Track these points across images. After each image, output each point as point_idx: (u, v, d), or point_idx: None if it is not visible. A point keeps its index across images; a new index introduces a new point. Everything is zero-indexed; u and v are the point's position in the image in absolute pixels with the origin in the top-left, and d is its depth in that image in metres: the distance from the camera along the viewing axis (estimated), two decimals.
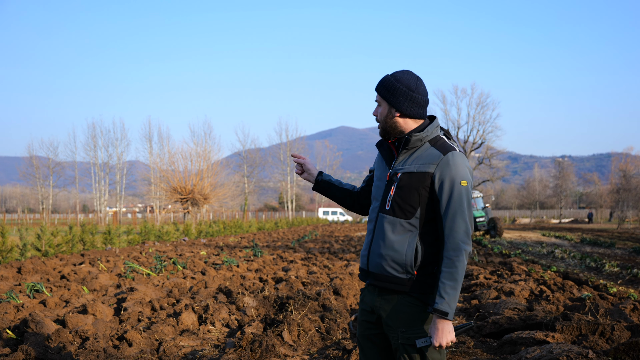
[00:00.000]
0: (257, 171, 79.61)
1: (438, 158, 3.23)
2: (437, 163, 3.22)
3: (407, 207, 3.26)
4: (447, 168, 3.20)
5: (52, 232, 19.85)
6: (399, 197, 3.28)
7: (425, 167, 3.24)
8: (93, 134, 72.67)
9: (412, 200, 3.25)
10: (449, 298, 3.13)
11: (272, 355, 6.53)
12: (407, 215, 3.26)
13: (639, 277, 14.29)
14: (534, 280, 12.46)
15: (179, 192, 43.48)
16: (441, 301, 3.12)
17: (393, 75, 3.37)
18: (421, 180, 3.23)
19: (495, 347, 7.36)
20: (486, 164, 76.88)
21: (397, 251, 3.25)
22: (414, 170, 3.26)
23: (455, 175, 3.19)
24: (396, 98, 3.33)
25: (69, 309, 8.90)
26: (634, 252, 23.42)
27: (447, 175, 3.19)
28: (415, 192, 3.24)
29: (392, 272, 3.27)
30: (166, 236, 29.08)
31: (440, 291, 3.13)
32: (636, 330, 7.13)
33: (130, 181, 76.97)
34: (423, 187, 3.23)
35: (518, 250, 22.83)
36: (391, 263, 3.27)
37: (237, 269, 14.47)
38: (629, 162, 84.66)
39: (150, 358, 6.47)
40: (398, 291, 3.28)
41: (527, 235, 40.53)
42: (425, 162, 3.25)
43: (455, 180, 3.19)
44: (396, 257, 3.25)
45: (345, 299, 10.13)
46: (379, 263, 3.32)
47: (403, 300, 3.28)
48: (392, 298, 3.31)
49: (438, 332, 3.13)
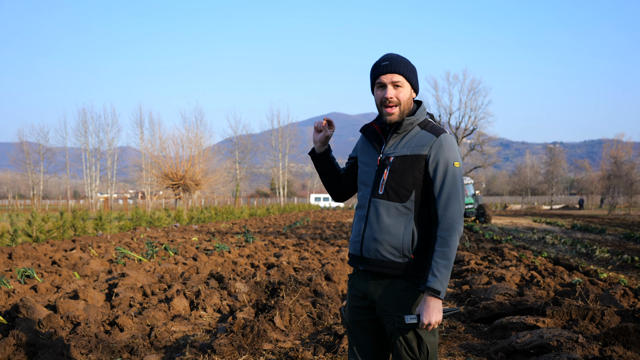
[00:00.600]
0: (248, 157, 79.47)
1: (431, 140, 3.22)
2: (431, 145, 3.21)
3: (401, 190, 3.24)
4: (441, 149, 3.19)
5: (43, 218, 19.80)
6: (393, 180, 3.26)
7: (419, 149, 3.23)
8: (84, 120, 72.49)
9: (407, 183, 3.23)
10: (441, 277, 3.12)
11: (264, 340, 6.54)
12: (402, 199, 3.24)
13: (629, 262, 14.36)
14: (524, 265, 12.50)
15: (171, 178, 43.44)
16: (434, 279, 3.11)
17: (400, 56, 3.33)
18: (415, 162, 3.22)
19: (486, 332, 7.39)
20: (478, 150, 76.92)
21: (393, 235, 3.23)
22: (407, 153, 3.24)
23: (449, 157, 3.19)
24: (416, 78, 3.34)
25: (60, 295, 8.88)
26: (624, 238, 23.54)
27: (441, 156, 3.19)
28: (410, 174, 3.23)
29: (389, 256, 3.24)
30: (158, 222, 29.04)
31: (433, 269, 3.12)
32: (626, 315, 7.16)
33: (121, 167, 76.82)
34: (418, 169, 3.22)
35: (509, 236, 22.90)
36: (388, 247, 3.23)
37: (228, 255, 14.46)
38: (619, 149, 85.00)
39: (142, 343, 6.47)
40: (394, 275, 3.26)
41: (518, 222, 40.68)
42: (418, 145, 3.24)
43: (449, 162, 3.19)
44: (393, 241, 3.23)
45: (336, 285, 10.14)
46: (375, 248, 3.28)
47: (399, 284, 3.26)
48: (388, 282, 3.28)
49: (428, 310, 3.10)
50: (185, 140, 46.98)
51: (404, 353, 3.23)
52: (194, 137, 48.22)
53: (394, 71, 3.26)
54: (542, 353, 5.77)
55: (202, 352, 6.01)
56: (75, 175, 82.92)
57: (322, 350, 6.15)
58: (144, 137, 68.22)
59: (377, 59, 3.36)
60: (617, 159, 74.00)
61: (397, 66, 3.26)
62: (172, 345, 6.60)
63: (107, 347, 6.23)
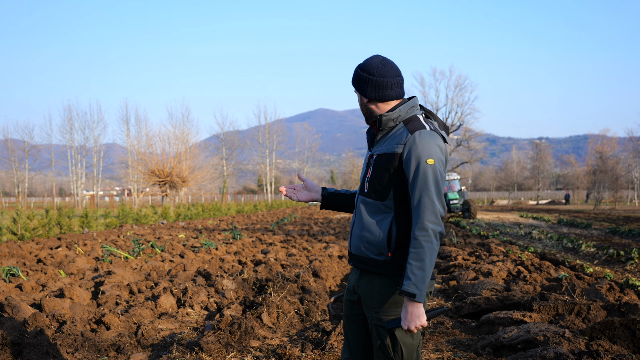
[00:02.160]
0: (235, 154, 79.40)
1: (406, 137, 3.20)
2: (405, 142, 3.19)
3: (381, 188, 3.26)
4: (413, 147, 3.15)
5: (28, 215, 19.66)
6: (375, 178, 3.28)
7: (394, 147, 3.22)
8: (69, 117, 72.02)
9: (385, 182, 3.24)
10: (415, 279, 3.05)
11: (252, 337, 6.52)
12: (382, 197, 3.26)
13: (615, 257, 14.44)
14: (511, 261, 12.55)
15: (157, 175, 43.29)
16: (407, 282, 3.05)
17: (360, 65, 3.40)
18: (391, 160, 3.22)
19: (474, 328, 7.41)
20: (464, 146, 77.21)
21: (372, 233, 3.26)
22: (385, 152, 3.26)
23: (420, 154, 3.14)
24: (361, 86, 3.37)
25: (45, 293, 8.82)
26: (610, 232, 23.66)
27: (413, 154, 3.15)
28: (386, 173, 3.23)
29: (368, 253, 3.28)
30: (144, 219, 28.94)
31: (408, 272, 3.07)
32: (612, 309, 7.20)
33: (107, 164, 76.49)
34: (393, 167, 3.21)
35: (496, 232, 22.98)
36: (367, 245, 3.28)
37: (216, 252, 14.43)
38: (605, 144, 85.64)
39: (129, 341, 6.44)
40: (375, 272, 3.29)
41: (504, 217, 40.82)
42: (394, 143, 3.24)
43: (421, 159, 3.13)
44: (371, 239, 3.26)
45: (324, 281, 10.14)
46: (358, 245, 3.34)
47: (379, 281, 3.28)
48: (370, 278, 3.32)
49: (407, 315, 3.07)
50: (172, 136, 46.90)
51: (378, 351, 3.28)
52: (180, 133, 48.15)
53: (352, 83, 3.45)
54: (529, 348, 5.79)
55: (189, 350, 5.99)
56: (61, 172, 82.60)
57: (310, 347, 6.14)
58: (130, 133, 67.95)
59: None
60: (602, 154, 74.49)
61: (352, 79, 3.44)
62: (159, 343, 6.57)
63: (94, 345, 6.19)
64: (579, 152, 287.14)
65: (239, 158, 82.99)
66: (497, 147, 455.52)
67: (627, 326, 5.95)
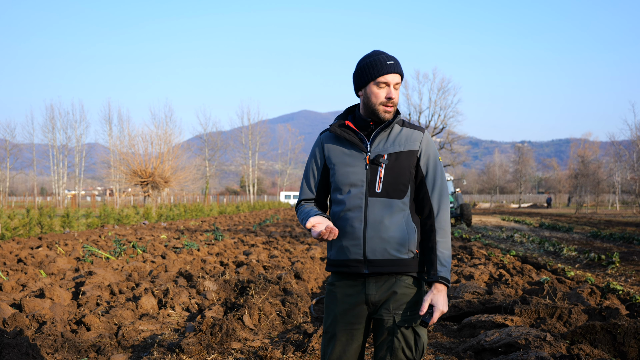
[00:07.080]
0: (218, 154, 79.19)
1: (420, 136, 3.31)
2: (421, 140, 3.30)
3: (399, 186, 3.26)
4: (429, 145, 3.32)
5: (9, 215, 19.54)
6: (391, 177, 3.25)
7: (411, 145, 3.28)
8: (51, 116, 71.41)
9: (404, 179, 3.27)
10: (449, 266, 3.23)
11: (233, 339, 6.50)
12: (401, 195, 3.26)
13: (596, 261, 14.53)
14: (493, 264, 12.60)
15: (139, 175, 43.03)
16: (443, 269, 3.20)
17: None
18: (410, 158, 3.27)
19: (455, 331, 7.42)
20: (447, 149, 77.33)
21: (398, 232, 3.22)
22: (401, 150, 3.27)
23: (436, 152, 3.35)
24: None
25: (25, 293, 8.75)
26: (591, 236, 23.81)
27: (430, 151, 3.32)
28: (406, 170, 3.27)
29: (396, 254, 3.21)
30: (126, 220, 28.80)
31: (440, 259, 3.21)
32: (593, 313, 7.23)
33: (89, 164, 75.92)
34: (412, 164, 3.28)
35: (478, 235, 23.09)
36: (395, 245, 3.21)
37: (197, 253, 14.38)
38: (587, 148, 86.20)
39: (109, 342, 6.39)
40: (402, 272, 3.25)
41: (487, 220, 41.03)
42: (409, 141, 3.29)
43: (437, 156, 3.34)
44: (400, 239, 3.21)
45: (306, 283, 10.12)
46: (383, 247, 3.21)
47: (406, 280, 3.27)
48: (394, 281, 3.25)
49: (441, 299, 3.18)
50: (155, 137, 46.58)
51: (400, 353, 3.21)
52: (163, 134, 47.85)
53: (398, 72, 3.26)
54: (510, 352, 5.80)
55: (170, 352, 5.95)
56: (43, 172, 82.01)
57: (291, 349, 6.13)
58: (112, 133, 67.46)
59: (369, 55, 3.32)
60: (584, 158, 74.88)
61: (400, 68, 3.27)
62: (139, 344, 6.53)
63: (74, 346, 6.15)
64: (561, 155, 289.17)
65: (221, 159, 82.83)
66: (479, 150, 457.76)
67: (608, 330, 5.97)
